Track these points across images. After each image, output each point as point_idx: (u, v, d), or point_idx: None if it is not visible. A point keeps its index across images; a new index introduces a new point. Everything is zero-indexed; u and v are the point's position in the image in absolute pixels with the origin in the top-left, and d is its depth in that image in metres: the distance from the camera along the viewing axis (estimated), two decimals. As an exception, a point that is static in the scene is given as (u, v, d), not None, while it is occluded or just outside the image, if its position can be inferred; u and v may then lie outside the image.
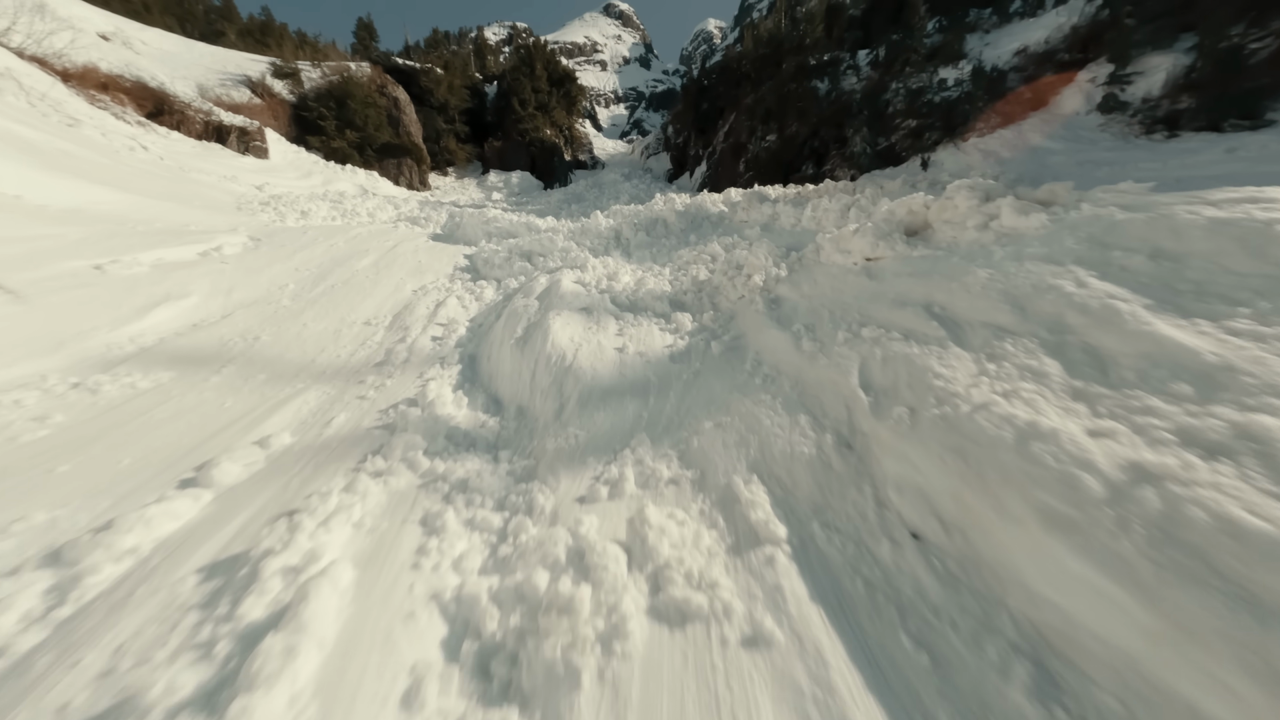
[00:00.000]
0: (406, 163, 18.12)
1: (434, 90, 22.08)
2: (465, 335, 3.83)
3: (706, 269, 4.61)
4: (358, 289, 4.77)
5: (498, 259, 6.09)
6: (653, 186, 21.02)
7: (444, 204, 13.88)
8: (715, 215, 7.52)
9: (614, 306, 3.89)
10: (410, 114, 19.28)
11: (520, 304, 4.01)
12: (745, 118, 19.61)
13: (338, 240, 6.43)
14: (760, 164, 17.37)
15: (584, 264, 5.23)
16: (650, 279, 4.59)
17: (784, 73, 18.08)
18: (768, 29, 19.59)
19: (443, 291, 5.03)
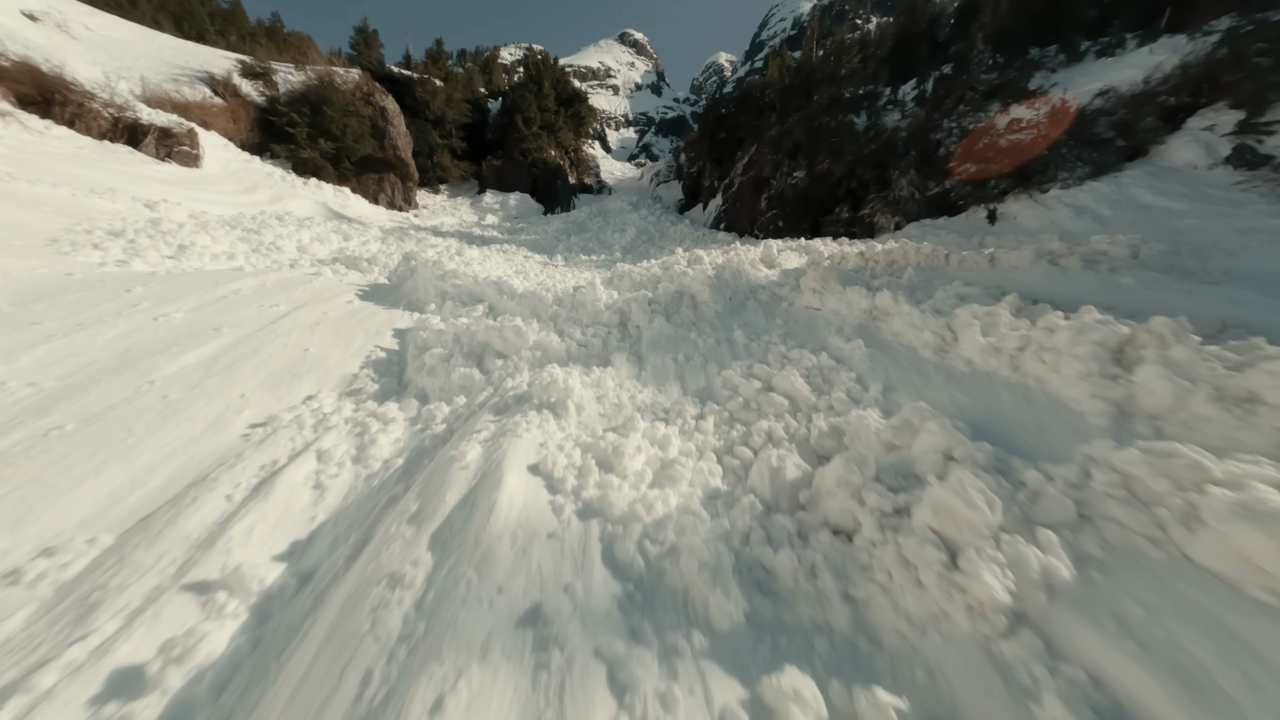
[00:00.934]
0: (389, 178, 16.13)
1: (430, 102, 20.29)
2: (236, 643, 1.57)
3: (795, 462, 2.41)
4: (123, 428, 2.48)
5: (432, 356, 3.78)
6: (663, 219, 19.11)
7: (420, 230, 11.85)
8: (765, 290, 5.33)
9: (614, 575, 1.76)
10: (399, 126, 17.38)
11: (405, 533, 1.87)
12: (769, 151, 17.79)
13: (177, 307, 4.10)
14: (786, 202, 15.43)
15: (561, 399, 2.98)
16: (681, 459, 2.49)
17: (815, 105, 16.29)
18: (796, 58, 17.88)
19: (306, 431, 2.81)
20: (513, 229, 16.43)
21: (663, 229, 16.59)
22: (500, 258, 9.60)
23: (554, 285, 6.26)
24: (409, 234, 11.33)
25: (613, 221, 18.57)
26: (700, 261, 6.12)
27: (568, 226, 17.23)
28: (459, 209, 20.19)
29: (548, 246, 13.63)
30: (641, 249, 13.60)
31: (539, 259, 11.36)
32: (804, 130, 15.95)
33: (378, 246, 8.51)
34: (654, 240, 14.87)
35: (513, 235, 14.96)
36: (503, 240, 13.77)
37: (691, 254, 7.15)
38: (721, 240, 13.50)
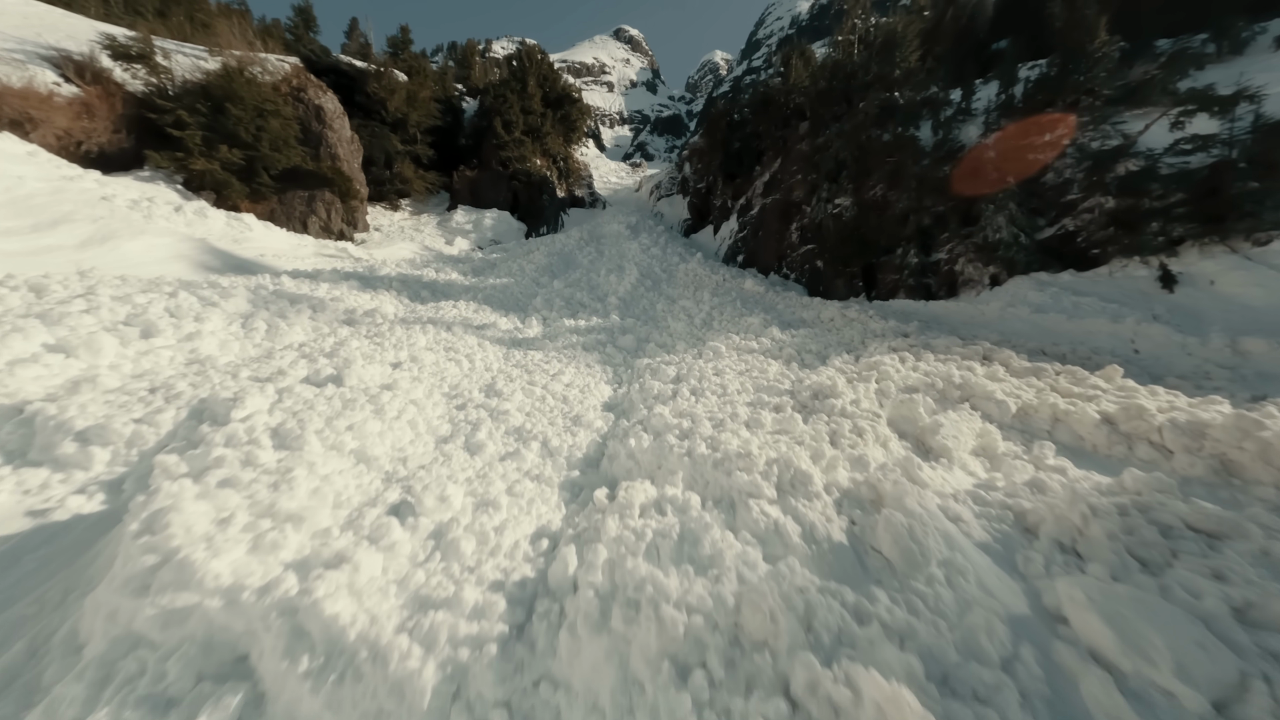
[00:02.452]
0: (324, 197, 12.65)
1: (387, 101, 16.76)
2: None
3: None
4: None
5: None
6: (669, 249, 15.78)
7: (344, 278, 8.39)
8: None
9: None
10: (340, 130, 13.88)
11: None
12: (799, 169, 14.54)
13: None
14: (828, 238, 12.19)
15: None
16: None
17: (861, 114, 13.04)
18: (834, 57, 14.63)
19: None
20: (482, 264, 13.02)
21: (670, 268, 13.27)
22: (436, 341, 6.26)
23: (490, 489, 2.94)
24: (321, 283, 7.93)
25: (608, 252, 15.20)
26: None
27: (552, 260, 13.84)
28: (421, 231, 16.70)
29: (522, 298, 10.27)
30: (646, 304, 10.28)
31: (504, 326, 8.03)
32: (848, 146, 12.70)
33: (216, 345, 5.06)
34: (660, 287, 11.56)
35: (480, 276, 11.56)
36: (464, 287, 10.39)
37: (753, 417, 3.81)
38: (756, 296, 10.20)
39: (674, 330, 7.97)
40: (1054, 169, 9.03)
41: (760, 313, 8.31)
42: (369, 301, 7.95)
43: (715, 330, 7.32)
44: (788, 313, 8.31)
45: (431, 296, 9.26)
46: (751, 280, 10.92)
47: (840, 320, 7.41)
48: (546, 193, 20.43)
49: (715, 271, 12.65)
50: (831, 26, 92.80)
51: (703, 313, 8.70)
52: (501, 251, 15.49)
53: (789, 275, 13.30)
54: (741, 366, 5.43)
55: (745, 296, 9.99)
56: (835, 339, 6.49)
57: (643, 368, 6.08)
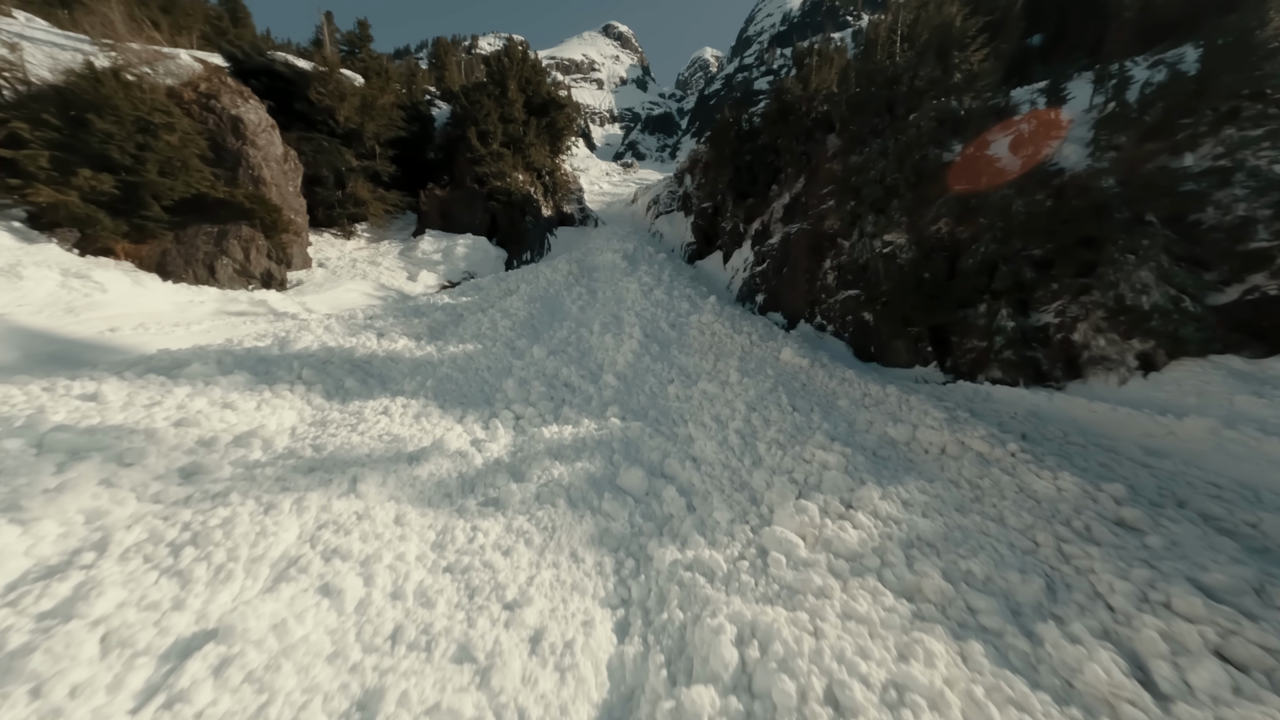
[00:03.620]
0: (241, 232, 9.95)
1: (335, 108, 14.05)
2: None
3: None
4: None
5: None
6: (674, 288, 13.25)
7: (219, 368, 5.77)
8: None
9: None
10: (268, 146, 11.20)
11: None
12: (834, 194, 12.06)
13: None
14: (878, 284, 9.74)
15: None
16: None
17: (912, 128, 10.59)
18: (866, 60, 12.17)
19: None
20: (445, 316, 10.41)
21: (680, 319, 10.74)
22: (313, 534, 3.71)
23: None
24: (181, 382, 5.32)
25: (602, 293, 12.63)
26: None
27: (533, 308, 11.26)
28: (379, 263, 14.03)
29: (489, 379, 7.71)
30: (653, 386, 7.75)
31: (454, 447, 5.47)
32: (901, 168, 10.24)
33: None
34: (670, 353, 9.03)
35: (437, 341, 8.97)
36: (411, 363, 7.81)
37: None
38: (801, 378, 7.66)
39: (704, 457, 5.46)
40: (1215, 202, 6.64)
41: (822, 422, 5.80)
42: (251, 414, 5.32)
43: (767, 472, 4.82)
44: (862, 424, 5.80)
45: (359, 389, 6.65)
46: (789, 348, 8.40)
47: (950, 444, 4.91)
48: (530, 213, 17.80)
49: (736, 326, 10.13)
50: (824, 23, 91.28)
51: (738, 419, 6.18)
52: (474, 292, 12.86)
53: (825, 326, 10.84)
54: (862, 640, 2.93)
55: (787, 379, 7.48)
56: (984, 515, 4.00)
57: (667, 588, 3.59)
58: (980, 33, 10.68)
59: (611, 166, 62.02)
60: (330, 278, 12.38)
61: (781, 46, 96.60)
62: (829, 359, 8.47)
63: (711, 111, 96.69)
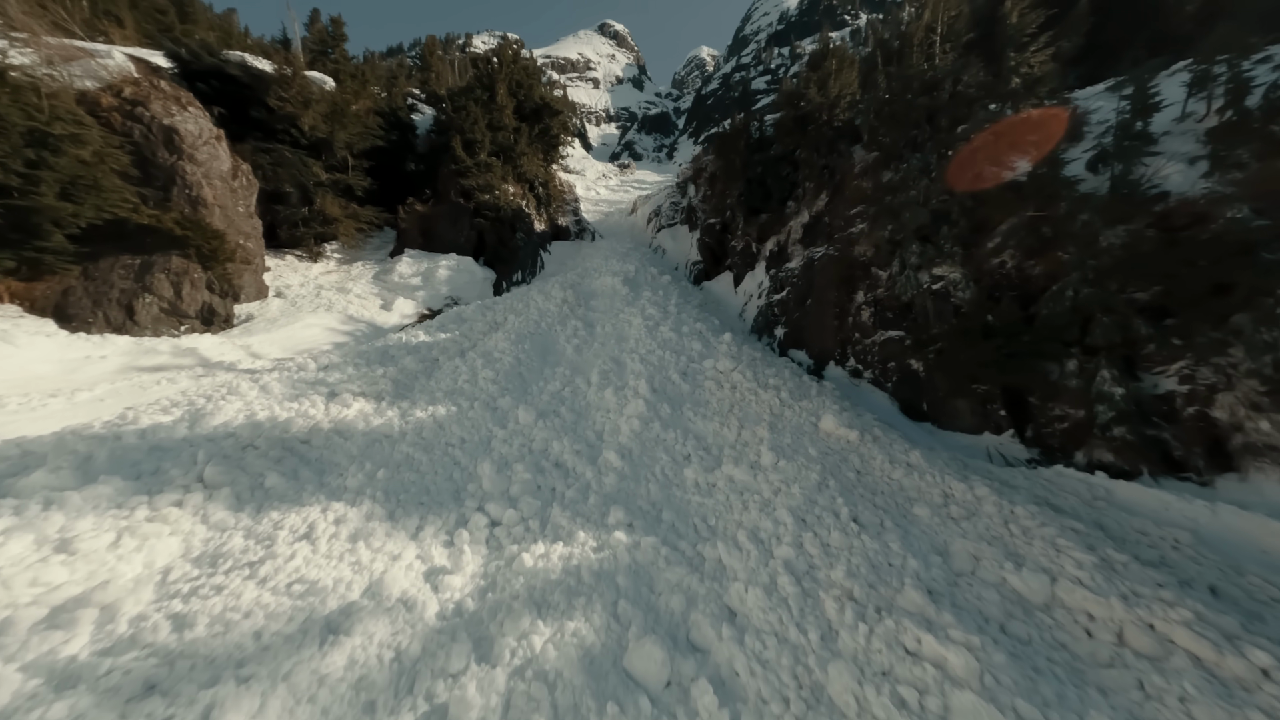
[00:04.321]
0: (171, 263, 8.36)
1: (299, 115, 12.46)
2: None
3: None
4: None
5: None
6: (682, 316, 11.72)
7: (86, 473, 4.28)
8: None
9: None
10: (211, 160, 9.62)
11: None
12: (866, 215, 10.56)
13: None
14: (925, 324, 8.24)
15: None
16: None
17: (960, 141, 9.09)
18: (909, 63, 10.68)
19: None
20: (416, 365, 8.85)
21: (691, 365, 9.19)
22: None
23: None
24: (3, 506, 3.82)
25: (600, 328, 11.08)
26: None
27: (521, 351, 9.71)
28: (349, 289, 12.44)
29: (463, 463, 6.18)
30: (665, 469, 6.21)
31: (399, 589, 4.06)
32: (952, 190, 8.74)
33: None
34: (682, 415, 7.49)
35: (402, 401, 7.41)
36: (364, 438, 6.27)
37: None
38: (852, 459, 6.11)
39: (747, 614, 3.93)
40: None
41: (904, 554, 4.27)
42: (99, 559, 3.73)
43: (850, 670, 3.26)
44: (963, 560, 4.26)
45: (284, 489, 5.06)
46: (830, 415, 6.86)
47: (1128, 626, 3.37)
48: (521, 229, 16.23)
49: (759, 375, 8.60)
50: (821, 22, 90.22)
51: (785, 539, 4.64)
52: (455, 325, 11.30)
53: (861, 372, 9.33)
54: None
55: (836, 464, 5.95)
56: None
57: None
58: (1042, 29, 9.20)
59: (608, 167, 60.59)
60: (288, 310, 10.79)
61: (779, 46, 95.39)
62: (879, 426, 6.94)
63: (709, 111, 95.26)
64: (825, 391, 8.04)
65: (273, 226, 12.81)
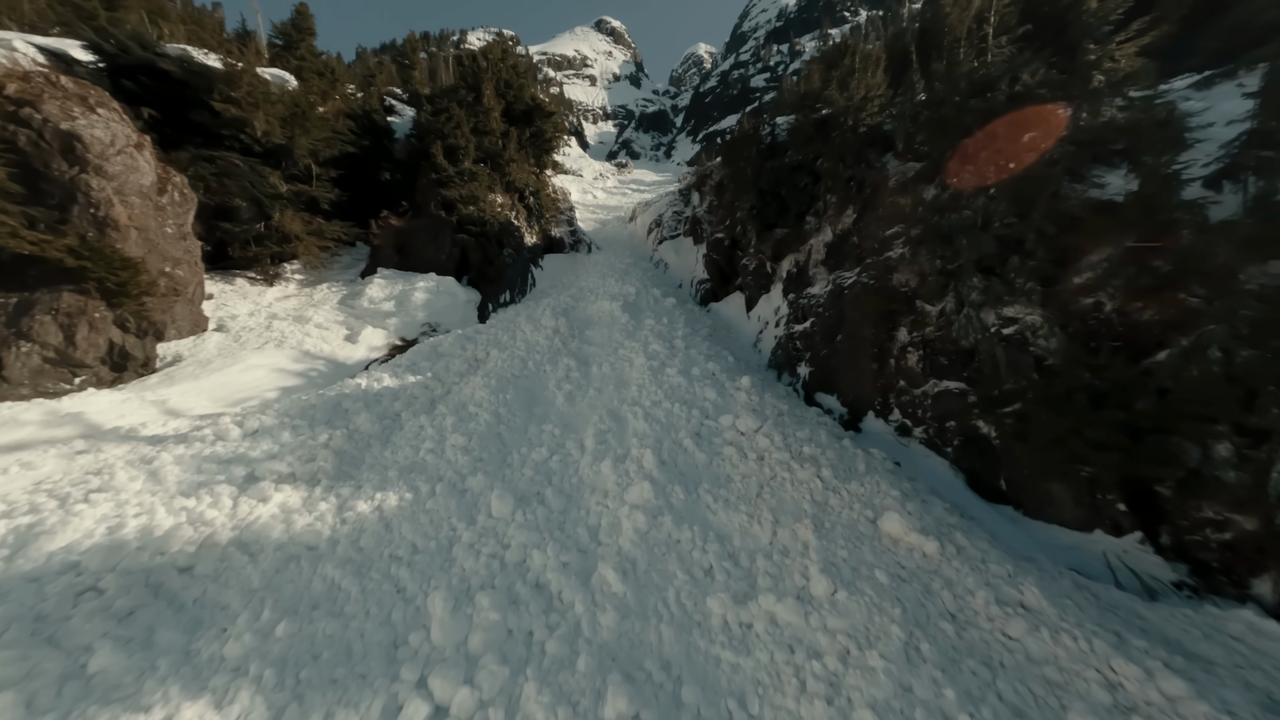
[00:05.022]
0: (58, 302, 6.73)
1: (249, 118, 10.84)
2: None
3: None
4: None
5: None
6: (691, 352, 10.16)
7: None
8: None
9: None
10: (124, 173, 7.99)
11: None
12: (908, 237, 9.01)
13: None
14: (994, 377, 6.69)
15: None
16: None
17: (1032, 153, 7.55)
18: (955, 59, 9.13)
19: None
20: (370, 425, 7.27)
21: (706, 420, 7.60)
22: None
23: None
24: None
25: (597, 370, 9.49)
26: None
27: (501, 403, 8.14)
28: (306, 321, 10.83)
29: (410, 577, 4.63)
30: (681, 597, 4.65)
31: None
32: (1023, 210, 7.20)
33: None
34: (698, 506, 5.92)
35: (341, 480, 5.85)
36: (271, 552, 4.73)
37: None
38: (931, 582, 4.55)
39: None
40: None
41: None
42: None
43: None
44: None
45: (115, 673, 3.43)
46: (894, 514, 5.30)
47: None
48: (509, 244, 14.64)
49: (789, 440, 7.04)
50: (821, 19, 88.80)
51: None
52: (428, 363, 9.71)
53: (909, 429, 7.78)
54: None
55: (916, 605, 4.39)
56: None
57: None
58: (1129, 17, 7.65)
59: (606, 167, 59.00)
60: (229, 348, 9.17)
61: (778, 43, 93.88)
62: (958, 523, 5.38)
63: (707, 109, 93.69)
64: (877, 467, 6.47)
65: (222, 245, 11.21)
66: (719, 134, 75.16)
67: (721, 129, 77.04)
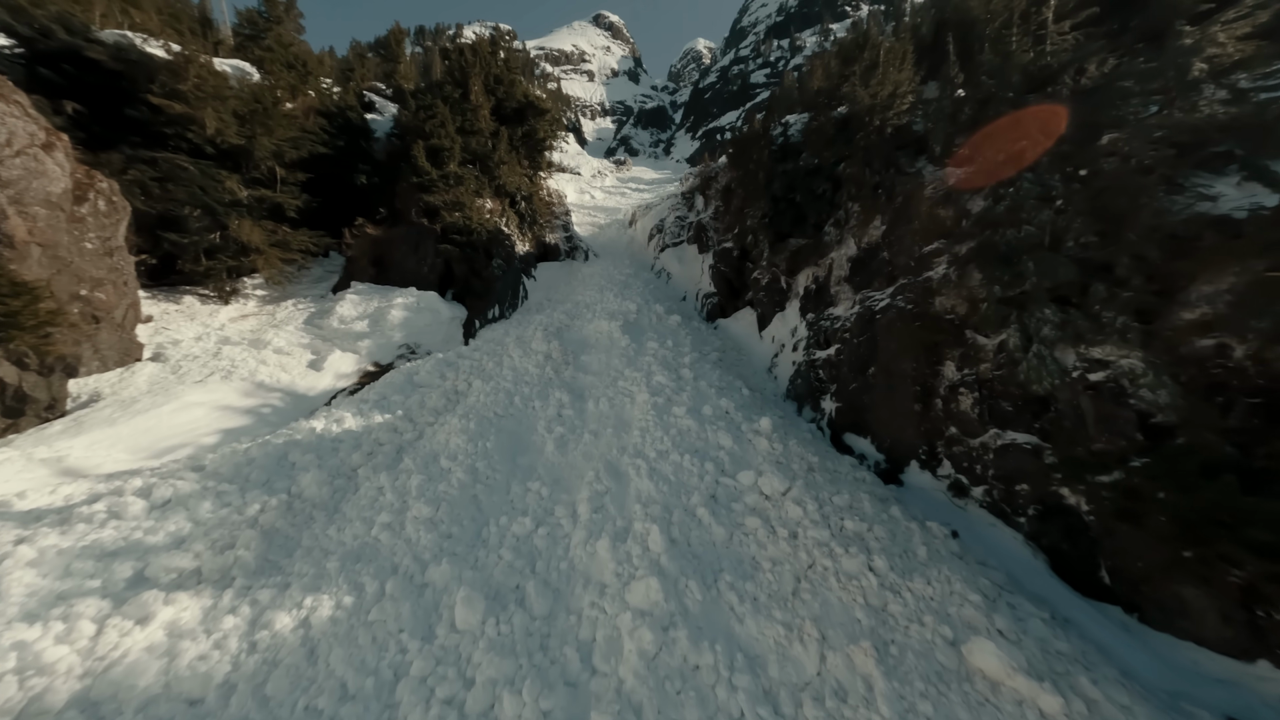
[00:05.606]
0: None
1: (197, 115, 9.53)
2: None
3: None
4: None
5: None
6: (700, 383, 8.90)
7: None
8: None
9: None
10: (25, 179, 6.72)
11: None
12: (952, 255, 7.76)
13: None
14: (1079, 433, 5.46)
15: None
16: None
17: (1114, 158, 6.30)
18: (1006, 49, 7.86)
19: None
20: (317, 487, 6.04)
21: (727, 496, 6.33)
22: None
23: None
24: None
25: (593, 407, 8.21)
26: None
27: (478, 453, 6.90)
28: (264, 346, 9.54)
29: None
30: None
31: None
32: (1111, 227, 5.97)
33: None
34: (718, 607, 4.68)
35: (262, 577, 4.63)
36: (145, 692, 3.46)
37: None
38: None
39: None
40: None
41: None
42: None
43: None
44: None
45: None
46: (985, 644, 4.05)
47: None
48: (499, 254, 13.35)
49: (824, 507, 5.82)
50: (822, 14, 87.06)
51: None
52: (401, 396, 8.46)
53: (967, 488, 6.53)
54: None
55: None
56: None
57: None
58: (1232, -2, 6.39)
59: (604, 164, 57.70)
60: (165, 381, 7.89)
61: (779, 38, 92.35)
62: (1083, 664, 4.11)
63: (706, 105, 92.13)
64: (940, 550, 5.22)
65: (171, 259, 9.92)
66: (719, 131, 73.66)
67: (721, 125, 75.53)
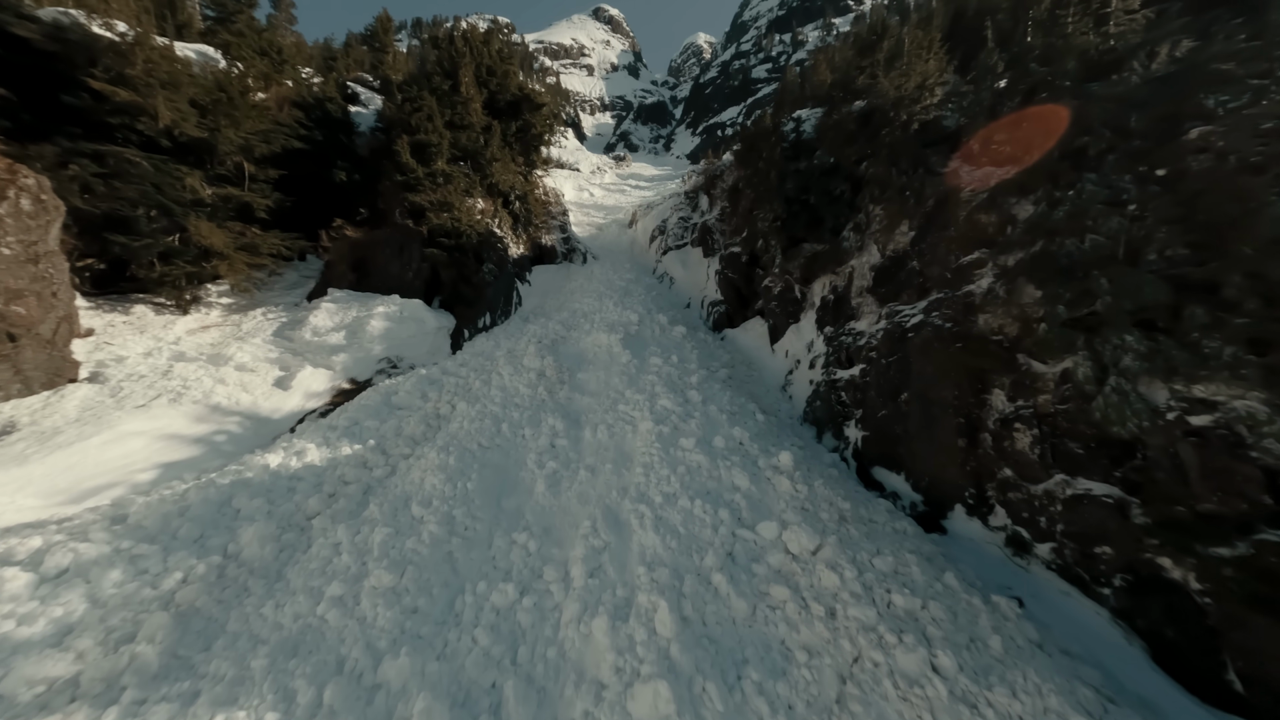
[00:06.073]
0: None
1: (147, 104, 8.52)
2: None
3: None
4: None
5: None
6: (710, 404, 7.95)
7: None
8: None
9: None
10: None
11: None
12: (998, 267, 6.81)
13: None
14: (1179, 488, 4.53)
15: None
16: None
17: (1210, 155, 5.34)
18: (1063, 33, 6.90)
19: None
20: (262, 538, 5.14)
21: (747, 555, 5.39)
22: None
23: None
24: None
25: (589, 438, 7.24)
26: None
27: (456, 496, 5.97)
28: (225, 362, 8.56)
29: None
30: None
31: None
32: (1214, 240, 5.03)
33: None
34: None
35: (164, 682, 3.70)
36: None
37: None
38: None
39: None
40: None
41: None
42: None
43: None
44: None
45: None
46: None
47: None
48: (490, 258, 12.36)
49: (863, 573, 4.92)
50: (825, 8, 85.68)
51: None
52: (375, 424, 7.51)
53: (1029, 543, 5.59)
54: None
55: None
56: None
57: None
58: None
59: (603, 160, 56.60)
60: (100, 406, 6.92)
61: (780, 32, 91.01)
62: None
63: (707, 101, 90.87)
64: (1017, 638, 4.29)
65: (122, 263, 8.94)
66: (719, 126, 72.44)
67: (722, 121, 74.30)
